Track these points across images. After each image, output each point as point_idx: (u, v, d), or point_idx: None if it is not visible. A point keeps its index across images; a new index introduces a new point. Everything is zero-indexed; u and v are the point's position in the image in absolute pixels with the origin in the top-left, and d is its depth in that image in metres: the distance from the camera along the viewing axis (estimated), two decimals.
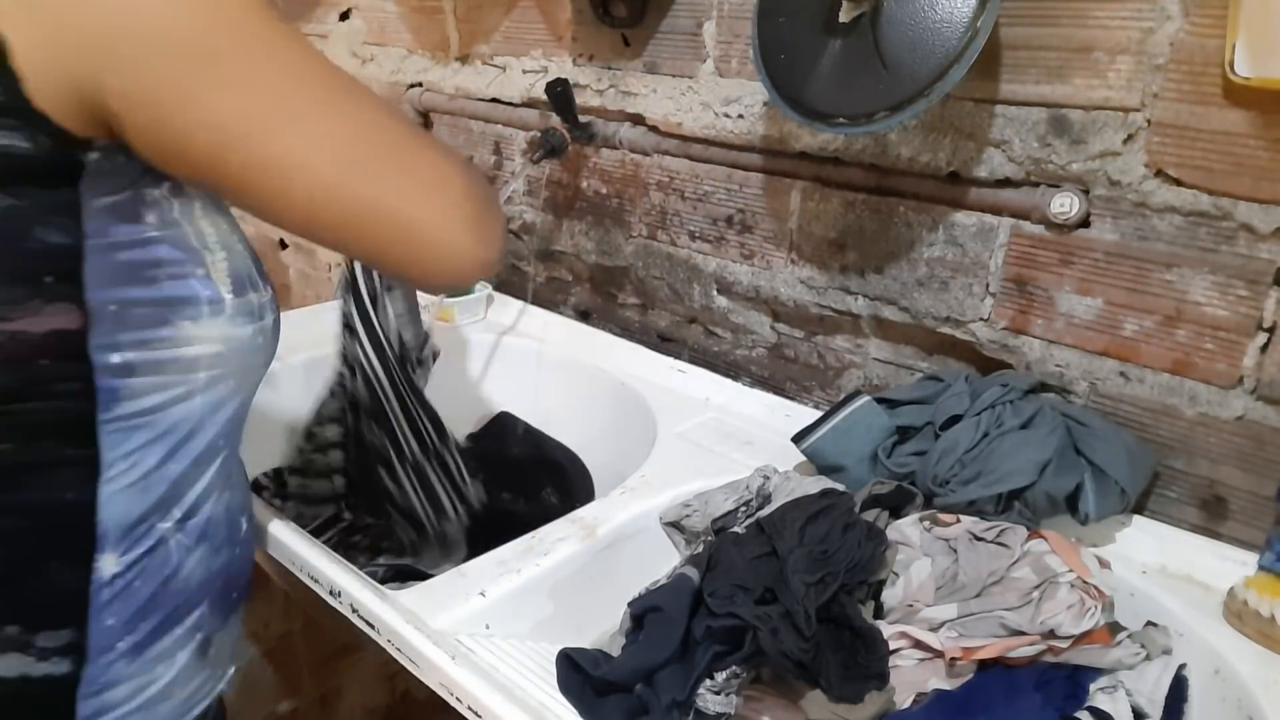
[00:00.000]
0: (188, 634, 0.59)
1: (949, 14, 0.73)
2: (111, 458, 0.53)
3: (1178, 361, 0.77)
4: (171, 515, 0.57)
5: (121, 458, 0.53)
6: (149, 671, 0.57)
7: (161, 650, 0.57)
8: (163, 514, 0.56)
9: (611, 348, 1.16)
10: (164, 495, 0.56)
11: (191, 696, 0.61)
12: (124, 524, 0.54)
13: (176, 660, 0.59)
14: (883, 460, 0.80)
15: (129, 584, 0.55)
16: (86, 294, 0.49)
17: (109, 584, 0.54)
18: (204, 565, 0.60)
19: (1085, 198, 0.79)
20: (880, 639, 0.62)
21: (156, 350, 0.53)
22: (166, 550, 0.57)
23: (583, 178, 1.22)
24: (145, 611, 0.56)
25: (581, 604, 0.72)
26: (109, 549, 0.54)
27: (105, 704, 0.55)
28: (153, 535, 0.56)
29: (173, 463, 0.56)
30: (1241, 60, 0.66)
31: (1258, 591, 0.66)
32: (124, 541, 0.54)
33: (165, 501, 0.56)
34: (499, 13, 1.25)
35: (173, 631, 0.58)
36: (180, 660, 0.59)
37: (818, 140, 0.96)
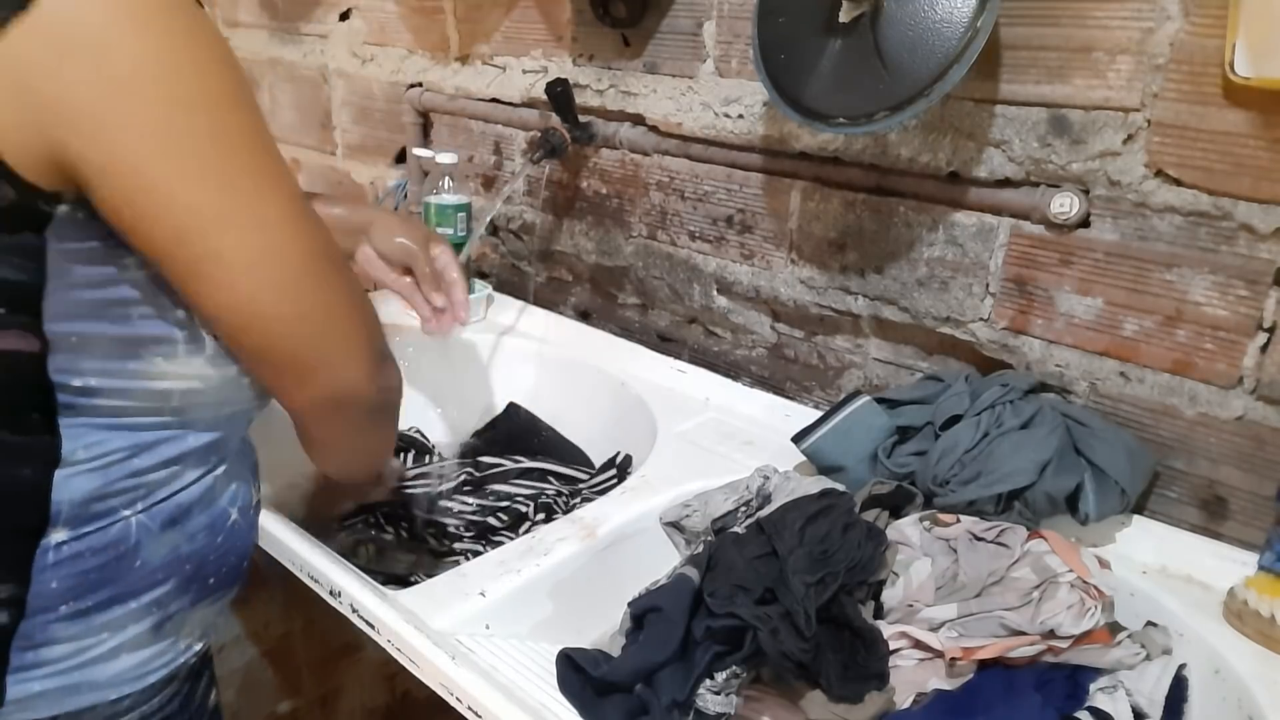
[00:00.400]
0: (144, 609, 0.60)
1: (949, 14, 0.73)
2: (71, 448, 0.55)
3: (1178, 361, 0.77)
4: (135, 500, 0.59)
5: (82, 448, 0.55)
6: (93, 635, 0.58)
7: (110, 619, 0.59)
8: (124, 498, 0.58)
9: (611, 348, 1.16)
10: (126, 484, 0.58)
11: (144, 664, 0.62)
12: (79, 503, 0.56)
13: (127, 630, 0.60)
14: (883, 460, 0.80)
15: (77, 554, 0.56)
16: (46, 324, 0.52)
17: (55, 549, 0.55)
18: (170, 548, 0.61)
19: (1085, 198, 0.79)
20: (880, 639, 0.62)
21: (123, 380, 0.55)
22: (126, 529, 0.58)
23: (583, 178, 1.22)
24: (94, 582, 0.57)
25: (581, 604, 0.72)
26: (61, 525, 0.55)
27: (41, 658, 0.57)
28: (111, 515, 0.57)
29: (139, 459, 0.58)
30: (1241, 60, 0.66)
31: (1258, 591, 0.66)
32: (78, 518, 0.56)
33: (128, 489, 0.58)
34: (499, 13, 1.25)
35: (126, 604, 0.59)
36: (132, 631, 0.60)
37: (818, 140, 0.96)
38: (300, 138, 1.72)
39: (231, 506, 0.66)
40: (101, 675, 0.59)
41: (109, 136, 0.47)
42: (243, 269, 0.52)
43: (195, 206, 0.50)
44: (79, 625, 0.57)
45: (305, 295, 0.55)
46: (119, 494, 0.57)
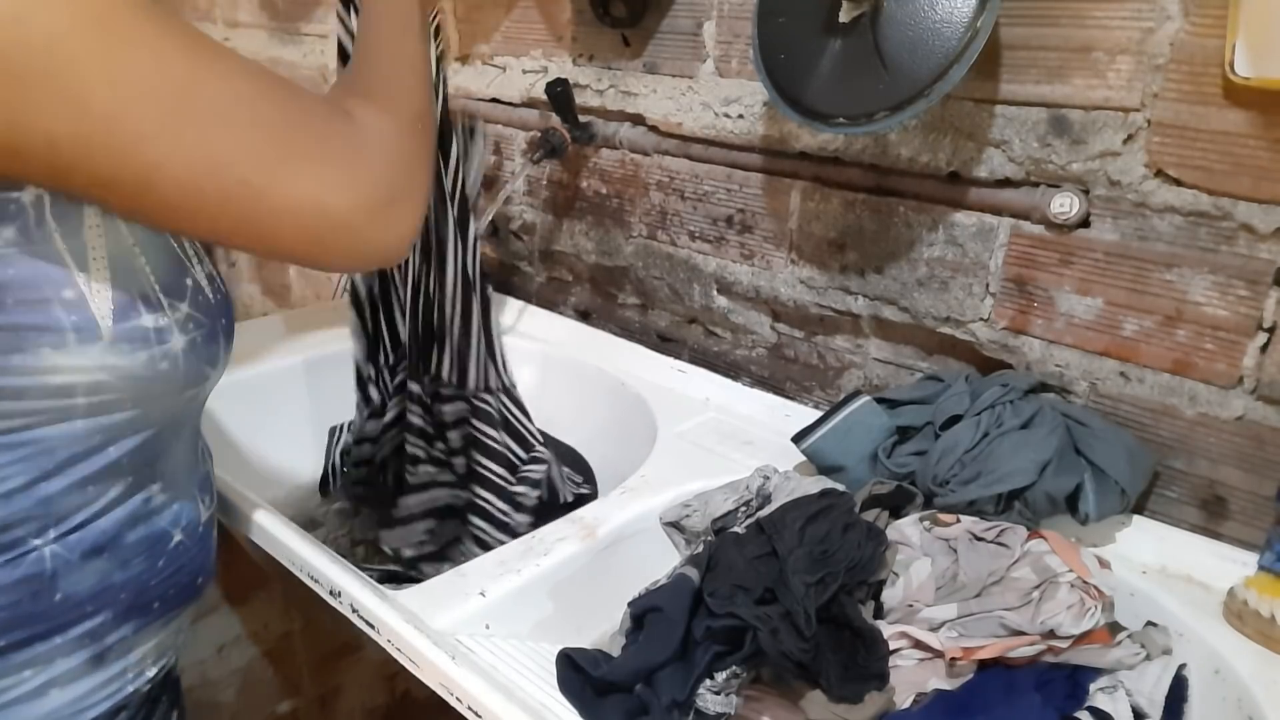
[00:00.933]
0: (73, 642, 0.55)
1: (949, 14, 0.73)
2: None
3: (1178, 361, 0.77)
4: (45, 530, 0.52)
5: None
6: (13, 675, 0.53)
7: (33, 656, 0.53)
8: (32, 528, 0.52)
9: (611, 348, 1.16)
10: (32, 512, 0.51)
11: (81, 699, 0.56)
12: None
13: (55, 665, 0.54)
14: (883, 460, 0.80)
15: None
16: None
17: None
18: (98, 577, 0.55)
19: (1085, 198, 0.79)
20: (880, 639, 0.62)
21: (10, 377, 0.48)
22: (39, 560, 0.52)
23: (583, 178, 1.22)
24: (5, 621, 0.52)
25: (581, 604, 0.72)
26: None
27: None
28: (17, 547, 0.51)
29: (47, 483, 0.51)
30: (1241, 60, 0.66)
31: (1258, 591, 0.66)
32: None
33: (35, 517, 0.51)
34: (499, 13, 1.25)
35: (50, 640, 0.54)
36: (61, 666, 0.55)
37: (818, 140, 0.96)
38: None
39: (174, 528, 0.60)
40: (29, 714, 0.54)
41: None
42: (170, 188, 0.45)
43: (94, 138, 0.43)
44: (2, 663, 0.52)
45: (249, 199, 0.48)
46: (23, 523, 0.51)
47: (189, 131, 0.45)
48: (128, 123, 0.44)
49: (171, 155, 0.45)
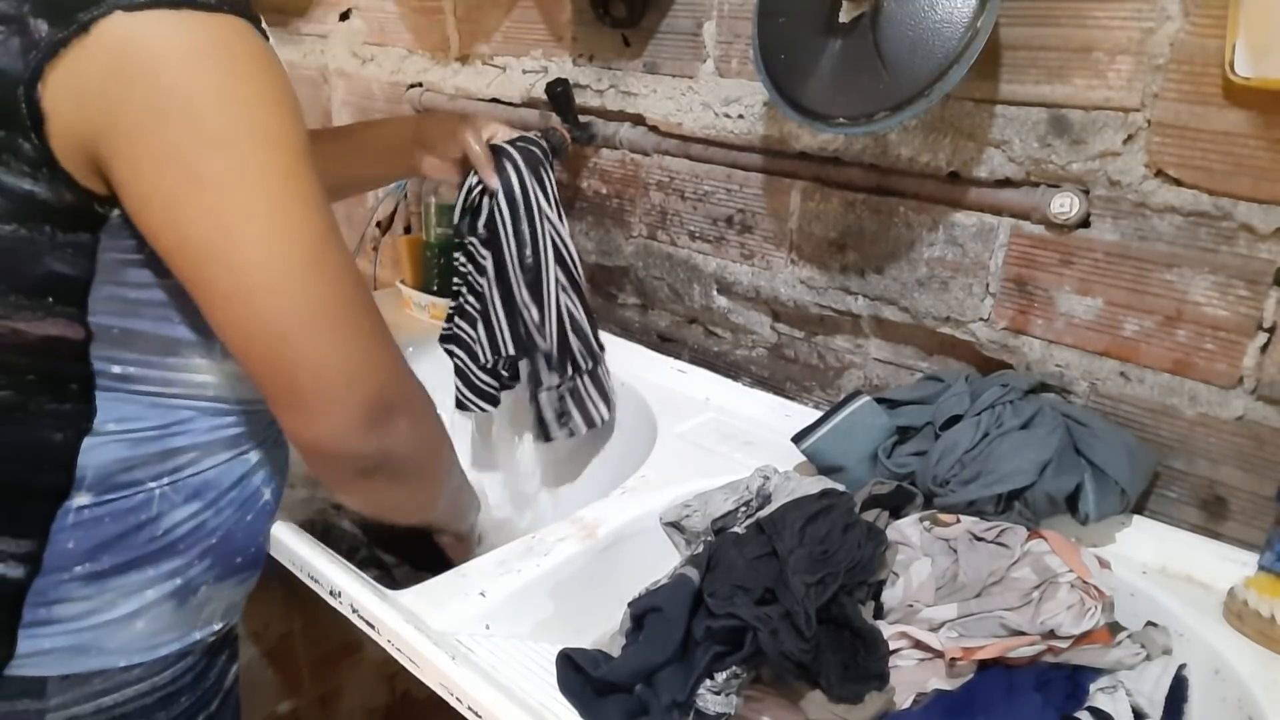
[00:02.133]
0: (164, 577, 0.62)
1: (949, 14, 0.73)
2: (104, 419, 0.58)
3: (1178, 361, 0.77)
4: (162, 473, 0.61)
5: (114, 421, 0.58)
6: (107, 598, 0.60)
7: (126, 584, 0.61)
8: (151, 470, 0.60)
9: (611, 348, 1.16)
10: (155, 455, 0.60)
11: (157, 634, 0.63)
12: (105, 471, 0.58)
13: (145, 596, 0.62)
14: (883, 460, 0.80)
15: (97, 518, 0.59)
16: (89, 316, 0.56)
17: (76, 511, 0.58)
18: (196, 520, 0.63)
19: (1085, 198, 0.79)
20: (880, 639, 0.62)
21: (160, 370, 0.59)
22: (149, 499, 0.60)
23: (583, 178, 1.22)
24: (110, 546, 0.59)
25: (581, 604, 0.72)
26: (85, 489, 0.58)
27: (54, 615, 0.59)
28: (135, 486, 0.60)
29: (172, 437, 0.61)
30: (1241, 60, 0.66)
31: (1258, 591, 0.66)
32: (102, 485, 0.58)
33: (155, 459, 0.60)
34: (499, 13, 1.25)
35: (144, 571, 0.61)
36: (150, 597, 0.62)
37: (818, 140, 0.96)
38: None
39: (265, 487, 0.68)
40: (112, 641, 0.61)
41: (142, 162, 0.50)
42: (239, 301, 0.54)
43: (203, 241, 0.52)
44: (93, 587, 0.59)
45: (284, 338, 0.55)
46: (145, 465, 0.60)
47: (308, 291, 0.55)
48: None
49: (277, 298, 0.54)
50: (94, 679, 0.61)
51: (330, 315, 0.56)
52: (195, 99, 0.49)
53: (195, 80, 0.49)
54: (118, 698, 0.62)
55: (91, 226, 0.53)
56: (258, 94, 0.52)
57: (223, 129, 0.50)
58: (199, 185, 0.51)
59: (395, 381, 0.61)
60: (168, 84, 0.49)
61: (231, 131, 0.51)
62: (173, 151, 0.50)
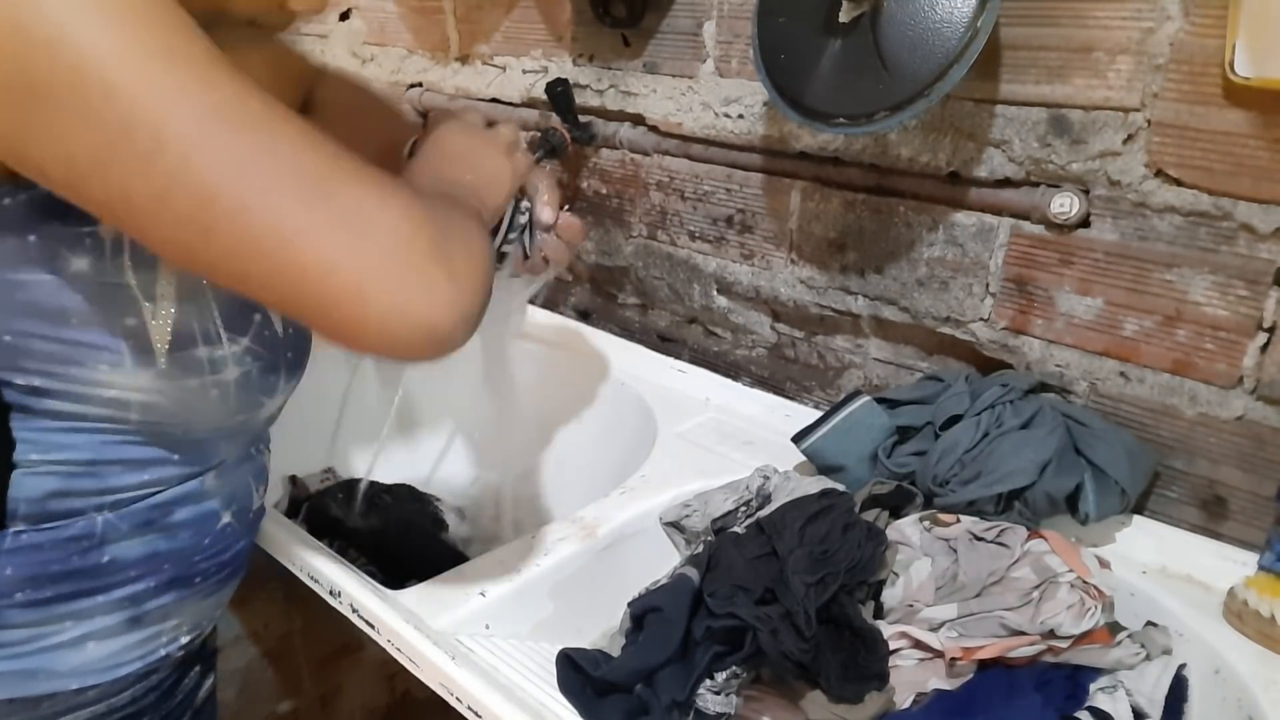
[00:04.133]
0: (115, 603, 0.58)
1: (949, 14, 0.73)
2: (25, 450, 0.53)
3: (1178, 361, 0.77)
4: (103, 504, 0.56)
5: (36, 451, 0.53)
6: (54, 624, 0.57)
7: (74, 609, 0.57)
8: (88, 500, 0.55)
9: (611, 348, 1.16)
10: (89, 486, 0.55)
11: (115, 655, 0.60)
12: (37, 501, 0.54)
13: (95, 621, 0.58)
14: (883, 460, 0.80)
15: (36, 545, 0.54)
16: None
17: (12, 536, 0.54)
18: (145, 546, 0.59)
19: (1085, 198, 0.79)
20: (880, 639, 0.62)
21: (69, 384, 0.51)
22: (90, 525, 0.56)
23: (583, 178, 1.22)
24: (52, 574, 0.56)
25: (581, 604, 0.72)
26: (19, 519, 0.54)
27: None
28: (73, 514, 0.55)
29: (105, 465, 0.55)
30: (1241, 60, 0.66)
31: (1258, 591, 0.66)
32: (36, 515, 0.54)
33: (93, 492, 0.55)
34: (499, 13, 1.25)
35: (93, 597, 0.57)
36: (101, 622, 0.58)
37: (818, 140, 0.96)
38: None
39: (225, 509, 0.63)
40: (63, 664, 0.57)
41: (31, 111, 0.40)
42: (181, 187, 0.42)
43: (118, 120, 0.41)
44: (37, 613, 0.56)
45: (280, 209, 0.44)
46: (81, 495, 0.55)
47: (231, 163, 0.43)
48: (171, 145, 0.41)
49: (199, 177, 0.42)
50: (43, 702, 0.57)
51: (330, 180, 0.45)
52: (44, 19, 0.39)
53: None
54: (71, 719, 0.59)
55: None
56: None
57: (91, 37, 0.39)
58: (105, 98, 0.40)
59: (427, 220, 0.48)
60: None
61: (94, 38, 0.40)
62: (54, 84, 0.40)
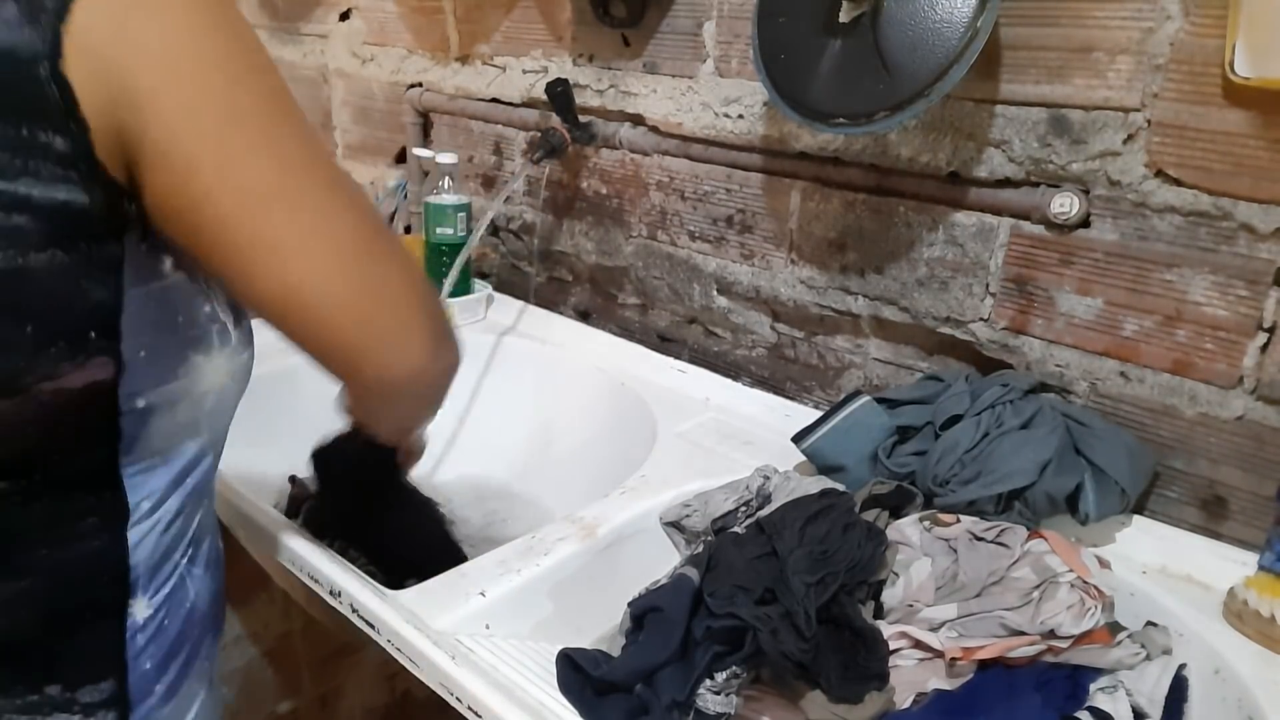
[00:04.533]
0: (203, 666, 0.58)
1: (949, 14, 0.73)
2: (135, 500, 0.51)
3: (1178, 361, 0.77)
4: (187, 550, 0.56)
5: (145, 499, 0.52)
6: (182, 712, 0.56)
7: (188, 689, 0.56)
8: (182, 550, 0.55)
9: (611, 348, 1.16)
10: (180, 530, 0.55)
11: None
12: (151, 565, 0.53)
13: (198, 694, 0.58)
14: (883, 460, 0.80)
15: (160, 625, 0.53)
16: (122, 344, 0.46)
17: (143, 628, 0.52)
18: (209, 592, 0.59)
19: (1085, 198, 0.79)
20: (880, 639, 0.62)
21: (171, 387, 0.50)
22: (185, 584, 0.55)
23: (583, 178, 1.22)
24: (174, 650, 0.55)
25: (581, 604, 0.72)
26: (140, 593, 0.52)
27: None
28: (175, 572, 0.55)
29: (184, 497, 0.55)
30: (1241, 60, 0.66)
31: (1258, 591, 0.66)
32: (153, 583, 0.53)
33: (181, 536, 0.55)
34: (499, 13, 1.25)
35: (194, 665, 0.57)
36: (200, 694, 0.58)
37: (818, 140, 0.96)
38: None
39: (218, 539, 0.63)
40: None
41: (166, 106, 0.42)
42: (290, 251, 0.47)
43: (244, 187, 0.45)
44: (170, 704, 0.54)
45: (355, 276, 0.49)
46: (176, 545, 0.55)
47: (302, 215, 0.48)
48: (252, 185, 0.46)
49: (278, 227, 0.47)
50: None
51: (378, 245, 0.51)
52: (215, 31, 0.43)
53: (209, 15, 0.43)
54: None
55: (118, 232, 0.45)
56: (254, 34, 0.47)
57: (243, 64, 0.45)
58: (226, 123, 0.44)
59: (436, 294, 0.57)
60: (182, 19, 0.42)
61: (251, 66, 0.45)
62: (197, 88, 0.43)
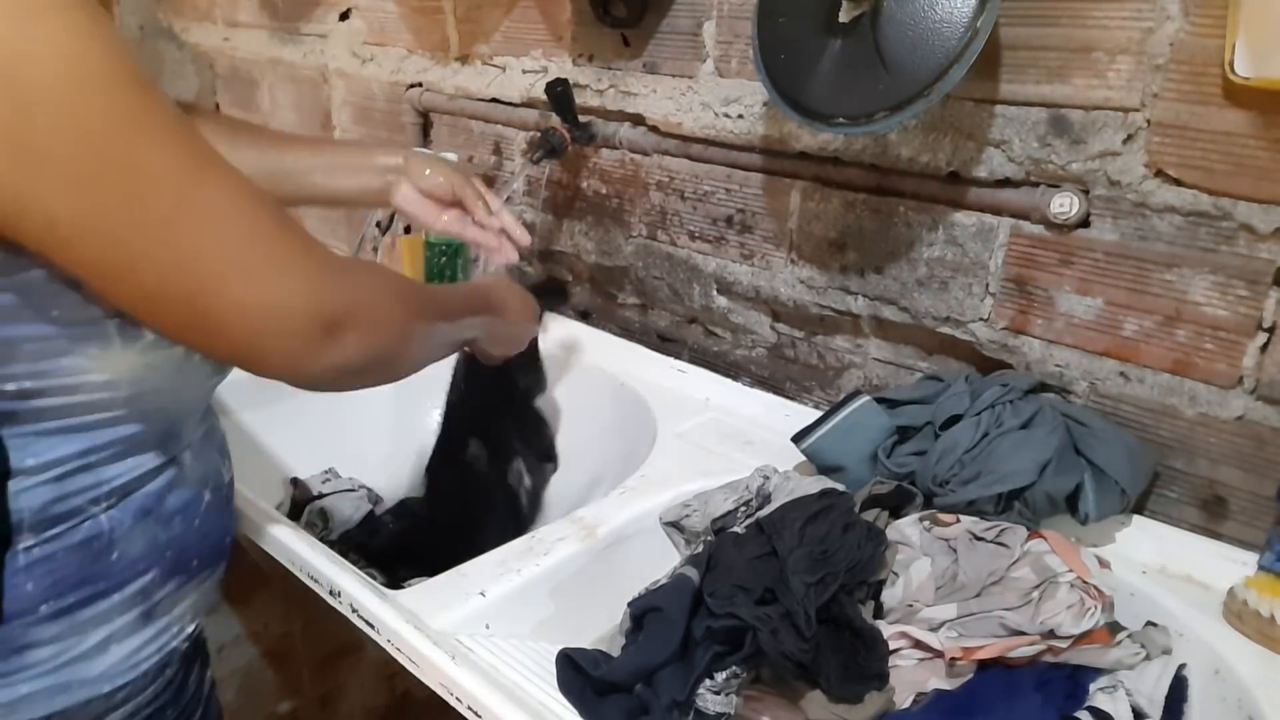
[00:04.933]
0: (129, 600, 0.60)
1: (949, 14, 0.73)
2: (20, 460, 0.53)
3: (1178, 361, 0.77)
4: (98, 497, 0.57)
5: (31, 458, 0.54)
6: (78, 633, 0.58)
7: (95, 614, 0.59)
8: (87, 496, 0.57)
9: (611, 348, 1.16)
10: (89, 484, 0.57)
11: (135, 653, 0.62)
12: (39, 509, 0.55)
13: (114, 622, 0.60)
14: (883, 460, 0.80)
15: (49, 555, 0.56)
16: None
17: (25, 553, 0.55)
18: (148, 538, 0.60)
19: (1085, 198, 0.79)
20: (880, 639, 0.62)
21: (59, 379, 0.53)
22: (96, 525, 0.57)
23: (583, 178, 1.22)
24: (71, 580, 0.57)
25: (581, 604, 0.72)
26: (26, 531, 0.55)
27: (26, 661, 0.57)
28: (77, 515, 0.56)
29: (95, 460, 0.56)
30: (1241, 60, 0.66)
31: (1258, 591, 0.66)
32: (42, 524, 0.55)
33: (88, 488, 0.57)
34: (499, 13, 1.25)
35: (109, 597, 0.59)
36: (119, 622, 0.60)
37: (818, 140, 0.96)
38: None
39: (204, 488, 0.65)
40: (92, 670, 0.59)
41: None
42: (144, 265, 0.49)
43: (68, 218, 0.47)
44: (62, 624, 0.57)
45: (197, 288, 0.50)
46: (79, 493, 0.56)
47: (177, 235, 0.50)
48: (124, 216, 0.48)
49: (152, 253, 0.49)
50: (79, 711, 0.59)
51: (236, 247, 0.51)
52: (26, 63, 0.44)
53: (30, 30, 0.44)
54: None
55: None
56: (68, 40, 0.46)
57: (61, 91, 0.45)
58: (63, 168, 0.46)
59: (329, 295, 0.56)
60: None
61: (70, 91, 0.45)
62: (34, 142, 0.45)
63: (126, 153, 0.48)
